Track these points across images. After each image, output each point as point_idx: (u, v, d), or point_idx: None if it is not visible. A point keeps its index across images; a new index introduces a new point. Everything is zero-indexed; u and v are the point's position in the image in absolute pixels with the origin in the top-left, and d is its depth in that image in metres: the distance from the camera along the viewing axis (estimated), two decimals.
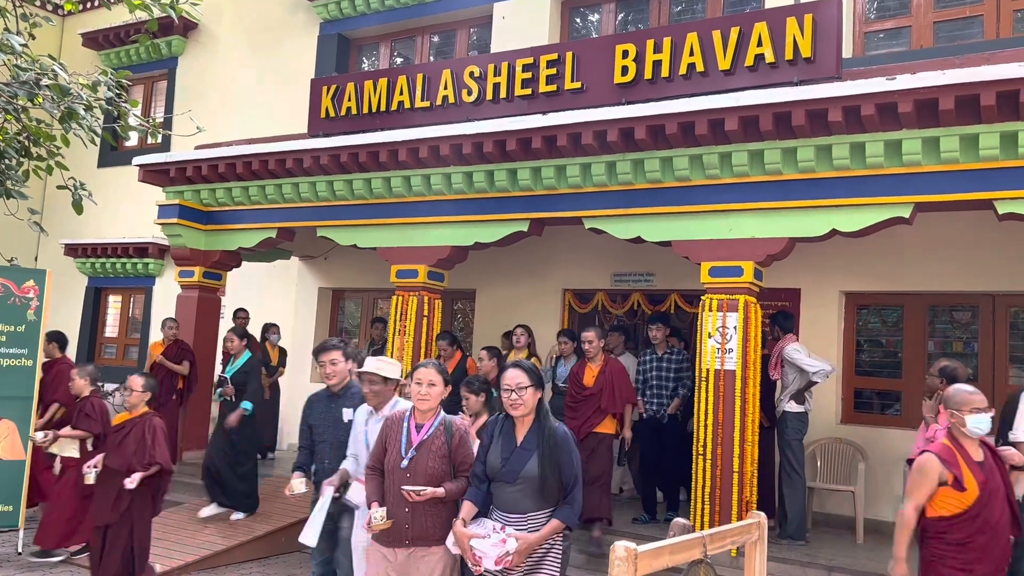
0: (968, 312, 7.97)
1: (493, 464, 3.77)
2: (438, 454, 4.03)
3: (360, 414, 4.69)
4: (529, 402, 3.75)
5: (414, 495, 3.86)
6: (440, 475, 4.00)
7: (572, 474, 3.70)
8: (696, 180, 6.68)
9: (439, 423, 4.12)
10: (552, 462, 3.66)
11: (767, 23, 6.62)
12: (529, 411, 3.77)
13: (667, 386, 7.44)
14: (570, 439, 3.76)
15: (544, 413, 3.79)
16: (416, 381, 4.11)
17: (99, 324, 14.24)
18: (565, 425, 3.98)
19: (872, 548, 6.91)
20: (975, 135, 5.68)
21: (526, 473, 3.66)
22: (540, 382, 3.80)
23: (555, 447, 3.68)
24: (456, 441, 4.09)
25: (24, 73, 5.59)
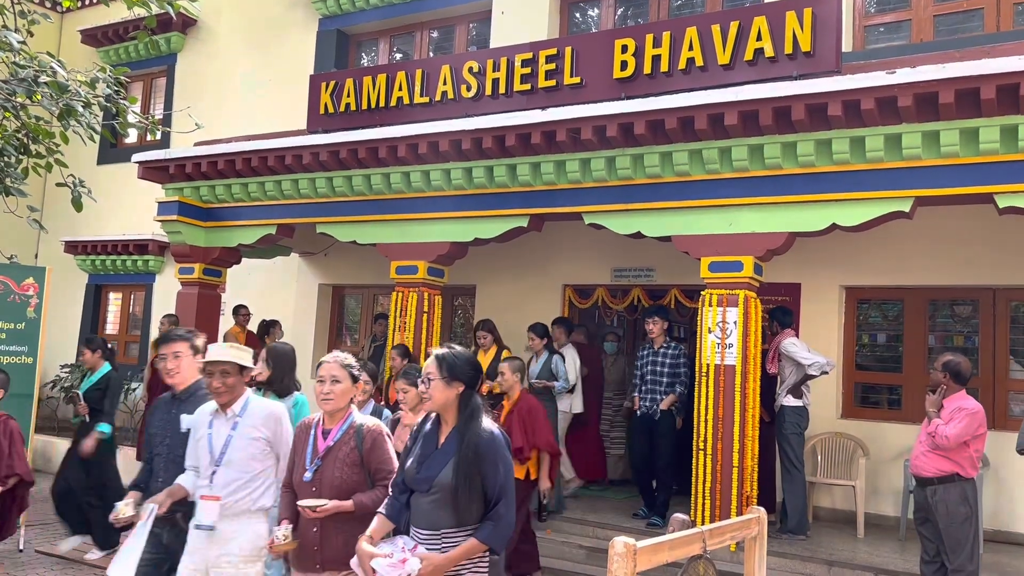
0: (968, 306, 7.96)
1: (409, 469, 3.22)
2: (347, 462, 3.55)
3: (201, 417, 3.96)
4: (438, 397, 3.17)
5: (310, 511, 3.41)
6: (352, 486, 3.54)
7: (497, 485, 3.09)
8: (696, 175, 6.67)
9: (348, 426, 3.63)
10: (470, 469, 3.05)
11: (766, 17, 6.60)
12: (440, 407, 3.20)
13: (661, 381, 7.38)
14: (498, 444, 3.14)
15: (471, 412, 3.19)
16: (319, 378, 3.64)
17: (99, 321, 14.24)
18: None
19: (873, 543, 6.92)
20: (975, 129, 5.67)
21: (440, 481, 3.08)
22: (458, 374, 3.17)
23: (477, 451, 3.07)
24: (368, 445, 3.59)
25: (23, 70, 5.58)
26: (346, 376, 3.63)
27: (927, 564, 5.34)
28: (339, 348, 11.63)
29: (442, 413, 3.23)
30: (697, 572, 2.91)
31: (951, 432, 5.02)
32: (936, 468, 5.15)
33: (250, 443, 3.81)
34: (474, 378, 3.23)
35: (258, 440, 3.83)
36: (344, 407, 3.64)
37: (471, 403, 3.20)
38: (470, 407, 3.19)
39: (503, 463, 3.13)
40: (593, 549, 6.69)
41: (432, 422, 3.29)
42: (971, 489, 5.15)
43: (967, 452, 5.11)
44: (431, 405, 3.21)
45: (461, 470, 3.05)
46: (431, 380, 3.18)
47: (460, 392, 3.18)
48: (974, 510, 5.15)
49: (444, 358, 3.21)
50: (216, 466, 3.78)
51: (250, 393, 3.94)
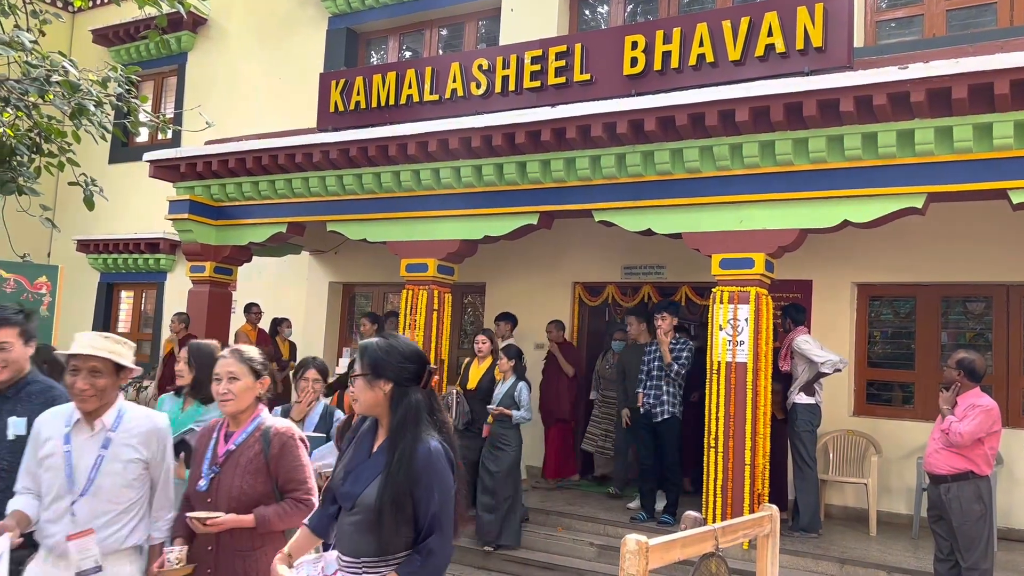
0: (982, 303, 7.90)
1: (335, 478, 2.71)
2: (249, 469, 3.06)
3: (49, 427, 3.08)
4: (362, 398, 2.62)
5: (200, 523, 2.93)
6: (254, 498, 3.04)
7: (429, 513, 2.51)
8: (707, 172, 6.64)
9: (254, 429, 3.15)
10: (398, 488, 2.49)
11: (778, 13, 6.57)
12: (369, 409, 2.65)
13: (660, 376, 7.28)
14: (436, 463, 2.54)
15: (403, 417, 2.58)
16: (215, 376, 3.17)
17: (111, 319, 14.32)
18: None
19: (885, 541, 6.89)
20: (989, 124, 5.62)
21: (364, 501, 2.53)
22: (382, 370, 2.61)
23: (409, 471, 2.50)
24: (275, 451, 3.09)
25: (35, 70, 5.60)
26: (246, 372, 3.16)
27: (941, 562, 5.30)
28: (349, 346, 11.67)
29: (377, 417, 2.68)
30: (709, 570, 2.89)
31: (965, 429, 4.99)
32: (950, 466, 5.11)
33: (126, 467, 3.03)
34: (406, 373, 2.62)
35: (135, 462, 3.06)
36: (249, 407, 3.18)
37: (404, 405, 2.59)
38: (402, 411, 2.58)
39: (440, 487, 2.52)
40: (604, 547, 6.68)
41: (371, 423, 2.73)
42: (985, 487, 5.11)
43: (981, 449, 5.08)
44: (359, 408, 2.68)
45: (388, 491, 2.49)
46: (355, 378, 2.65)
47: (389, 391, 2.60)
48: (988, 508, 5.11)
49: (366, 350, 2.65)
50: (79, 495, 2.96)
51: (122, 400, 3.17)
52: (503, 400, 6.97)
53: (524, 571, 6.69)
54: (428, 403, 2.66)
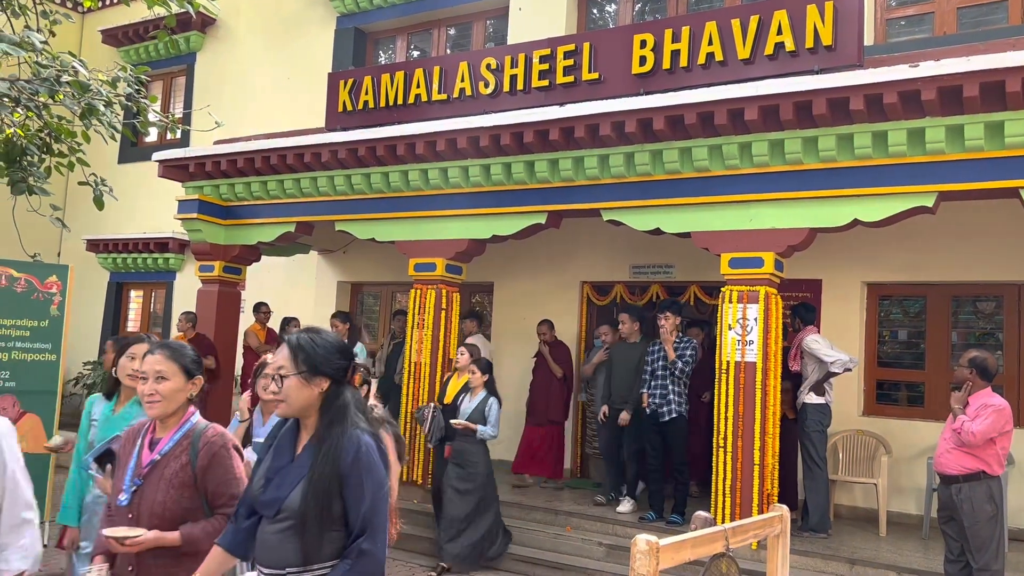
0: (992, 302, 7.86)
1: (254, 487, 2.50)
2: (175, 481, 2.77)
3: None
4: (295, 399, 2.44)
5: (117, 542, 2.64)
6: (180, 513, 2.77)
7: (360, 513, 2.36)
8: (716, 171, 6.62)
9: (183, 435, 2.87)
10: (326, 490, 2.34)
11: (787, 11, 6.54)
12: (299, 411, 2.48)
13: (665, 376, 7.24)
14: (368, 458, 2.40)
15: (335, 414, 2.45)
16: (140, 375, 2.91)
17: (121, 319, 14.37)
18: None
19: (896, 541, 6.86)
20: (1000, 122, 5.59)
21: (290, 505, 2.37)
22: (321, 367, 2.47)
23: (336, 466, 2.36)
24: (204, 461, 2.81)
25: (45, 70, 5.62)
26: (176, 371, 2.87)
27: (951, 563, 5.27)
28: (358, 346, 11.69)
29: (302, 418, 2.51)
30: (720, 570, 2.88)
31: (978, 429, 4.96)
32: (961, 466, 5.09)
33: None
34: (342, 370, 2.51)
35: None
36: (178, 411, 2.90)
37: (337, 403, 2.47)
38: (334, 408, 2.46)
39: (372, 483, 2.38)
40: (613, 547, 6.67)
41: (291, 425, 2.57)
42: (997, 487, 5.08)
43: (993, 449, 5.05)
44: (287, 410, 2.48)
45: (313, 491, 2.34)
46: (284, 377, 2.45)
47: (325, 389, 2.47)
48: (1000, 508, 5.08)
49: (301, 346, 2.47)
50: None
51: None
52: (472, 415, 6.64)
53: (532, 571, 6.68)
54: (355, 399, 2.54)
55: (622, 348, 7.82)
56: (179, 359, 2.90)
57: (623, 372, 7.63)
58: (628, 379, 7.57)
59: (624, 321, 7.79)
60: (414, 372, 8.00)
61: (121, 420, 3.57)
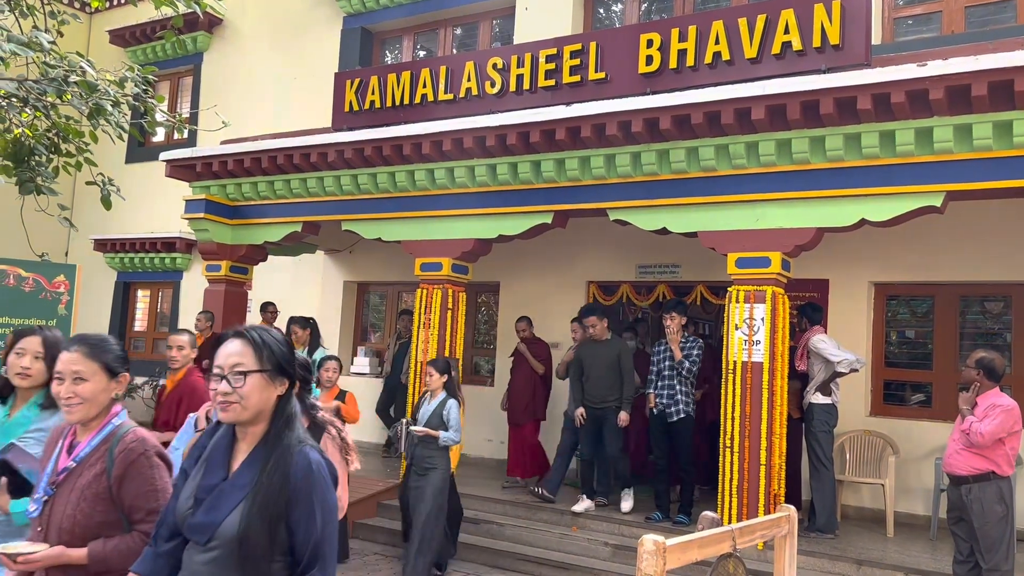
0: (1000, 302, 7.83)
1: (181, 507, 2.14)
2: (88, 492, 2.47)
3: None
4: (254, 400, 2.12)
5: (9, 561, 2.36)
6: (93, 528, 2.46)
7: (311, 540, 2.07)
8: (722, 170, 6.61)
9: (101, 441, 2.55)
10: (271, 511, 2.03)
11: (794, 10, 6.53)
12: (253, 415, 2.13)
13: (671, 376, 7.20)
14: (319, 477, 2.11)
15: (287, 422, 2.16)
16: (56, 375, 2.58)
17: (128, 318, 14.42)
18: None
19: (903, 542, 6.83)
20: (1009, 122, 5.57)
21: (225, 532, 2.03)
22: (285, 366, 2.20)
23: (285, 486, 2.05)
24: (120, 470, 2.48)
25: (53, 70, 5.64)
26: (96, 370, 2.56)
27: (960, 564, 5.26)
28: (364, 346, 11.72)
29: (246, 425, 2.16)
30: (727, 570, 2.88)
31: (986, 429, 4.94)
32: (971, 466, 5.07)
33: None
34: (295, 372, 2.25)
35: None
36: (101, 413, 2.58)
37: (288, 409, 2.18)
38: (286, 415, 2.17)
39: (323, 507, 2.09)
40: (619, 547, 6.67)
41: (224, 435, 2.21)
42: (1007, 487, 5.07)
43: (1002, 450, 5.03)
44: (240, 414, 2.12)
45: (257, 515, 2.02)
46: (245, 375, 2.11)
47: (283, 393, 2.19)
48: (1010, 509, 5.07)
49: (264, 342, 2.17)
50: None
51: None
52: (430, 420, 6.22)
53: (538, 570, 6.68)
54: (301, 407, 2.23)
55: (592, 347, 7.54)
56: (99, 356, 2.58)
57: (598, 372, 7.40)
58: (606, 378, 7.37)
59: (593, 324, 7.49)
60: (420, 372, 8.00)
61: (16, 426, 3.13)
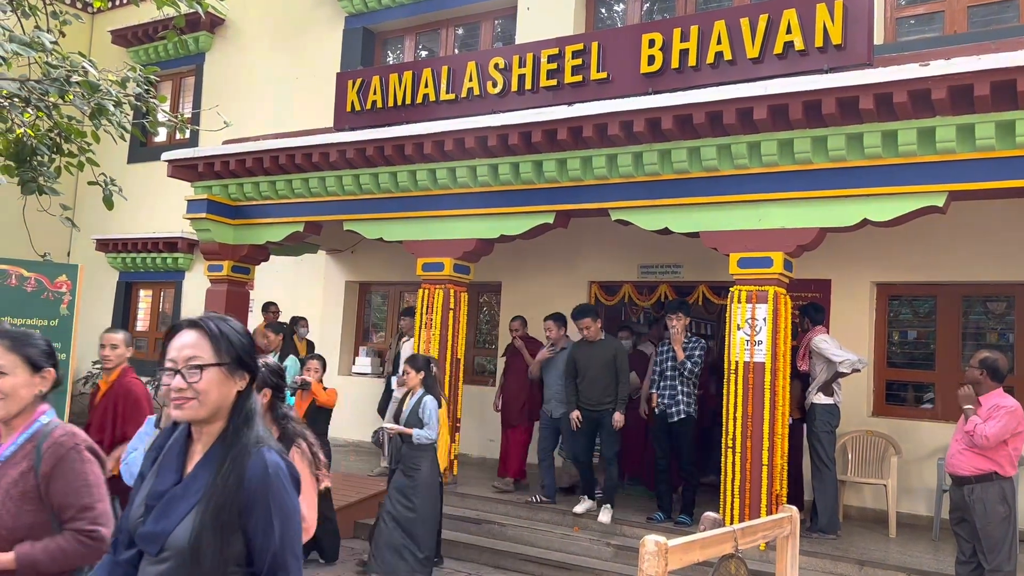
0: (1003, 302, 7.82)
1: (133, 515, 1.97)
2: (14, 492, 2.36)
3: None
4: (213, 396, 1.94)
5: None
6: (19, 530, 2.34)
7: (269, 550, 1.89)
8: (724, 170, 6.60)
9: (27, 439, 2.44)
10: (224, 519, 1.86)
11: (796, 10, 6.52)
12: (211, 413, 1.96)
13: (673, 376, 7.20)
14: (278, 478, 1.93)
15: (245, 420, 1.98)
16: None
17: (130, 318, 14.43)
18: None
19: (905, 543, 6.82)
20: (1012, 121, 5.56)
21: (175, 542, 1.86)
22: (245, 358, 2.02)
23: (239, 491, 1.88)
24: (47, 467, 2.37)
25: (55, 70, 5.64)
26: (17, 364, 2.46)
27: (962, 565, 5.25)
28: (366, 346, 11.72)
29: (202, 425, 1.98)
30: (729, 571, 2.87)
31: (991, 432, 4.93)
32: (974, 467, 5.06)
33: None
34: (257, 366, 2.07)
35: None
36: (25, 411, 2.46)
37: (248, 407, 2.00)
38: (245, 413, 1.99)
39: (281, 513, 1.91)
40: (621, 547, 6.66)
41: (178, 437, 2.04)
42: (1010, 488, 5.06)
43: (1006, 450, 5.02)
44: (199, 411, 1.94)
45: (209, 521, 1.84)
46: (201, 368, 1.94)
47: (242, 390, 2.01)
48: (1012, 509, 5.06)
49: (221, 332, 1.99)
50: None
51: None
52: (408, 418, 6.13)
53: (540, 571, 6.68)
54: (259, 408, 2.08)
55: (586, 348, 7.32)
56: (21, 350, 2.47)
57: (593, 373, 7.19)
58: (601, 380, 7.16)
59: (588, 325, 7.27)
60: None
61: None
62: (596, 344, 7.32)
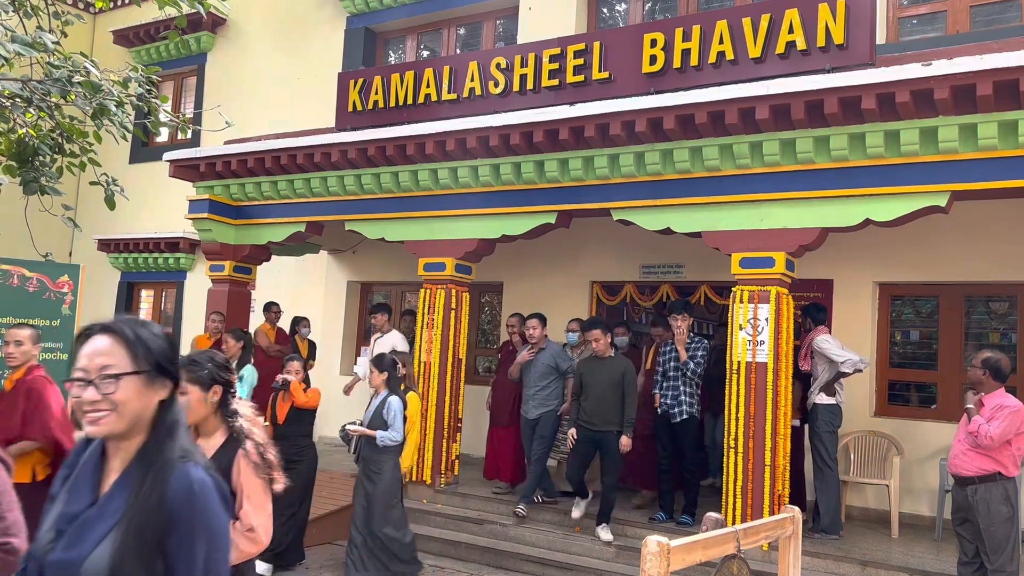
0: (1005, 302, 7.80)
1: (42, 540, 1.77)
2: None
3: None
4: (132, 406, 1.75)
5: None
6: None
7: (194, 573, 1.73)
8: (726, 170, 6.60)
9: None
10: (143, 543, 1.67)
11: (798, 9, 6.51)
12: (130, 427, 1.77)
13: (676, 377, 7.19)
14: (203, 495, 1.75)
15: (167, 433, 1.79)
16: None
17: None
18: None
19: (908, 543, 6.81)
20: (1014, 121, 5.55)
21: (93, 567, 1.67)
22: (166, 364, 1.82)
23: (158, 509, 1.70)
24: None
25: (57, 71, 5.64)
26: None
27: (965, 565, 5.24)
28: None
29: (120, 440, 1.78)
30: (731, 572, 2.87)
31: (995, 432, 4.92)
32: (977, 467, 5.05)
33: None
34: (178, 372, 1.87)
35: None
36: None
37: (170, 418, 1.82)
38: (167, 425, 1.80)
39: (207, 535, 1.74)
40: (623, 548, 6.65)
41: (92, 453, 1.84)
42: (1013, 488, 5.05)
43: (1009, 451, 5.01)
44: (116, 424, 1.75)
45: (130, 546, 1.66)
46: (117, 378, 1.74)
47: (164, 399, 1.82)
48: (1015, 510, 5.05)
49: (138, 336, 1.79)
50: None
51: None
52: (372, 420, 6.00)
53: (542, 571, 6.67)
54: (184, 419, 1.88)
55: (593, 365, 6.93)
56: None
57: (599, 390, 6.79)
58: (608, 399, 6.74)
59: (597, 338, 6.85)
60: (423, 372, 8.00)
61: None
62: (605, 361, 6.89)
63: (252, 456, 2.81)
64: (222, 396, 2.94)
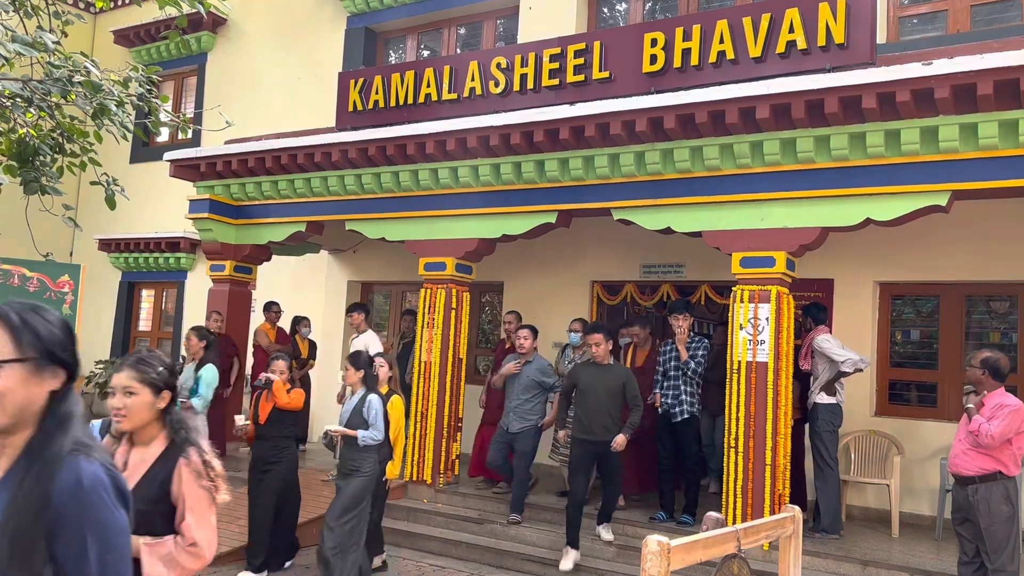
0: (1006, 302, 7.80)
1: None
2: None
3: None
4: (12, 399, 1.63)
5: None
6: None
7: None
8: (727, 169, 6.60)
9: None
10: (23, 546, 1.52)
11: (799, 9, 6.51)
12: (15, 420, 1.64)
13: (677, 376, 7.19)
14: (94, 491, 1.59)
15: (58, 424, 1.66)
16: None
17: (133, 318, 14.44)
18: None
19: (908, 542, 6.81)
20: (1014, 120, 5.55)
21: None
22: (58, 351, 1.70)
23: (41, 509, 1.54)
24: None
25: (57, 70, 5.64)
26: None
27: (965, 565, 5.23)
28: None
29: (4, 431, 1.65)
30: (731, 571, 2.87)
31: (996, 431, 4.92)
32: (978, 466, 5.05)
33: None
34: (75, 361, 1.75)
35: None
36: None
37: (63, 409, 1.68)
38: (59, 416, 1.67)
39: (99, 535, 1.59)
40: (623, 547, 6.65)
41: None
42: (1013, 488, 5.05)
43: (1010, 450, 5.01)
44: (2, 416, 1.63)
45: (7, 549, 1.51)
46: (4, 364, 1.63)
47: (55, 390, 1.69)
48: (1016, 509, 5.05)
49: (25, 321, 1.66)
50: None
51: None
52: (351, 419, 5.77)
53: (542, 571, 6.67)
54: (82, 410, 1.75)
55: (592, 370, 6.69)
56: None
57: (598, 399, 6.53)
58: (607, 408, 6.52)
59: (598, 342, 6.58)
60: (424, 372, 8.00)
61: None
62: (604, 368, 6.62)
63: (195, 464, 2.61)
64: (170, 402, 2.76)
